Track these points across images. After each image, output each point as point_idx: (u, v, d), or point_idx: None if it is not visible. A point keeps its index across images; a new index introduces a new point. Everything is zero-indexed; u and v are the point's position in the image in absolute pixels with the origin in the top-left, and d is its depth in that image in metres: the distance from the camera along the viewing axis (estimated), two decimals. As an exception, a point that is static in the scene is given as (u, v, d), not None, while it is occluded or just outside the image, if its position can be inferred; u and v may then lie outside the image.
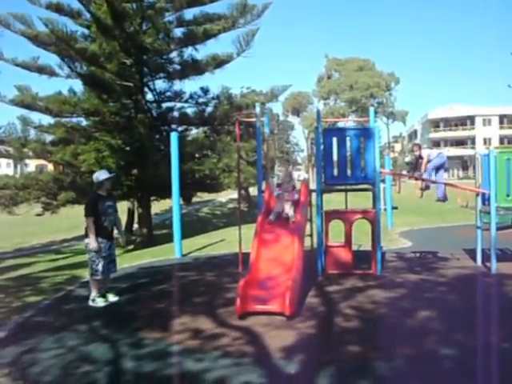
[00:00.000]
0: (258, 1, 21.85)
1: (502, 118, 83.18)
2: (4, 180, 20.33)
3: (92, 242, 8.21)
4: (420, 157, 12.34)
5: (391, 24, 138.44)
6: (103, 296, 8.52)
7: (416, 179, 12.78)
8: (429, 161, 12.06)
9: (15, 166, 76.69)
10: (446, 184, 12.21)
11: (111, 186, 8.95)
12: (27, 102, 19.46)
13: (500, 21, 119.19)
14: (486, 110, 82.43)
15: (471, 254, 11.77)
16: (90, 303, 8.37)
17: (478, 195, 10.96)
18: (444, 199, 12.10)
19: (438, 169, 12.16)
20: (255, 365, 5.48)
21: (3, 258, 19.45)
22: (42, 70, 19.99)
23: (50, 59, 24.86)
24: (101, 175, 8.66)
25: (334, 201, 13.46)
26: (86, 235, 8.40)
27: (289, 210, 9.80)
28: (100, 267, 8.30)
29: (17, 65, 19.75)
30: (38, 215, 21.18)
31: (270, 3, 20.06)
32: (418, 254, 12.89)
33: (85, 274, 11.80)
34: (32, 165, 63.72)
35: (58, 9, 19.49)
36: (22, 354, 6.07)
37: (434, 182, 12.00)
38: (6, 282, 11.52)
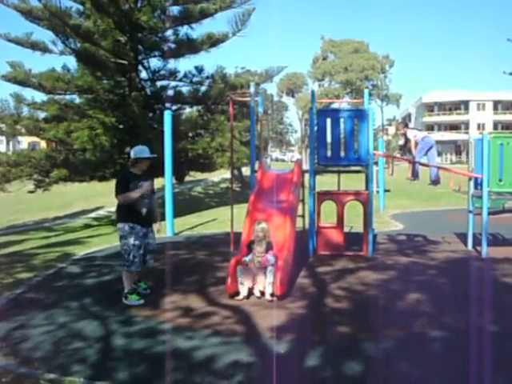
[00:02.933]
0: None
1: (496, 103, 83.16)
2: (-4, 157, 20.21)
3: (138, 193, 7.12)
4: (405, 136, 12.32)
5: (386, 7, 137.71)
6: (136, 291, 7.36)
7: (409, 162, 12.77)
8: (416, 142, 12.04)
9: (7, 143, 76.25)
10: (438, 168, 12.22)
11: (148, 167, 7.60)
12: (20, 78, 19.27)
13: (496, 6, 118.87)
14: (481, 94, 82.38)
15: (462, 238, 11.85)
16: (124, 300, 7.17)
17: (470, 180, 11.00)
18: (437, 182, 12.10)
19: (427, 151, 12.12)
20: (245, 344, 5.51)
21: (-5, 235, 19.42)
22: (35, 46, 19.72)
23: (44, 35, 24.67)
24: (138, 152, 7.43)
25: (326, 182, 13.48)
26: (118, 220, 7.34)
27: (265, 283, 7.33)
28: (133, 257, 7.14)
29: (9, 40, 19.48)
30: (30, 192, 21.06)
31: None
32: (405, 237, 12.96)
33: (76, 251, 11.84)
34: (24, 142, 63.39)
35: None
36: (12, 329, 6.09)
37: (425, 165, 11.98)
38: (-2, 259, 11.51)
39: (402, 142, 12.55)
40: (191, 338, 5.67)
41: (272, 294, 7.21)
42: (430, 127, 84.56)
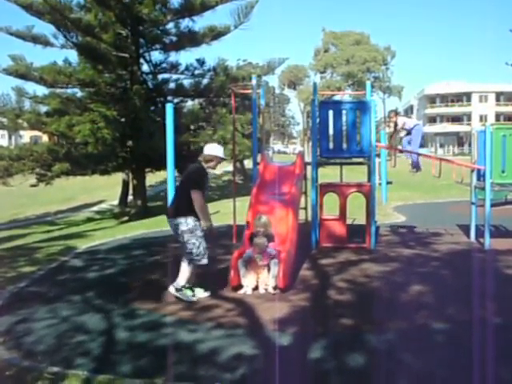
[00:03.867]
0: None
1: (498, 95, 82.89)
2: (-2, 151, 20.22)
3: (207, 221, 7.00)
4: (396, 124, 12.34)
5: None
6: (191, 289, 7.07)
7: (400, 151, 12.76)
8: (403, 128, 12.06)
9: (9, 137, 76.29)
10: (440, 159, 12.20)
11: (214, 167, 7.75)
12: (22, 71, 19.27)
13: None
14: (483, 86, 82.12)
15: (465, 229, 11.83)
16: (173, 292, 6.89)
17: (473, 171, 10.97)
18: (417, 169, 12.18)
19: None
20: (248, 336, 5.51)
21: (-2, 229, 19.45)
22: (36, 39, 19.73)
23: (45, 29, 24.68)
24: (218, 151, 7.61)
25: (328, 174, 13.45)
26: (182, 213, 6.91)
27: (267, 279, 7.28)
28: (204, 250, 6.92)
29: (11, 34, 19.49)
30: (33, 186, 21.10)
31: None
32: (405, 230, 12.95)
33: (79, 244, 11.84)
34: (26, 136, 63.32)
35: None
36: (16, 323, 6.09)
37: (429, 158, 11.97)
38: (1, 253, 11.51)
39: (403, 134, 12.48)
40: (194, 331, 5.67)
41: (275, 287, 7.19)
42: (432, 119, 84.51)
